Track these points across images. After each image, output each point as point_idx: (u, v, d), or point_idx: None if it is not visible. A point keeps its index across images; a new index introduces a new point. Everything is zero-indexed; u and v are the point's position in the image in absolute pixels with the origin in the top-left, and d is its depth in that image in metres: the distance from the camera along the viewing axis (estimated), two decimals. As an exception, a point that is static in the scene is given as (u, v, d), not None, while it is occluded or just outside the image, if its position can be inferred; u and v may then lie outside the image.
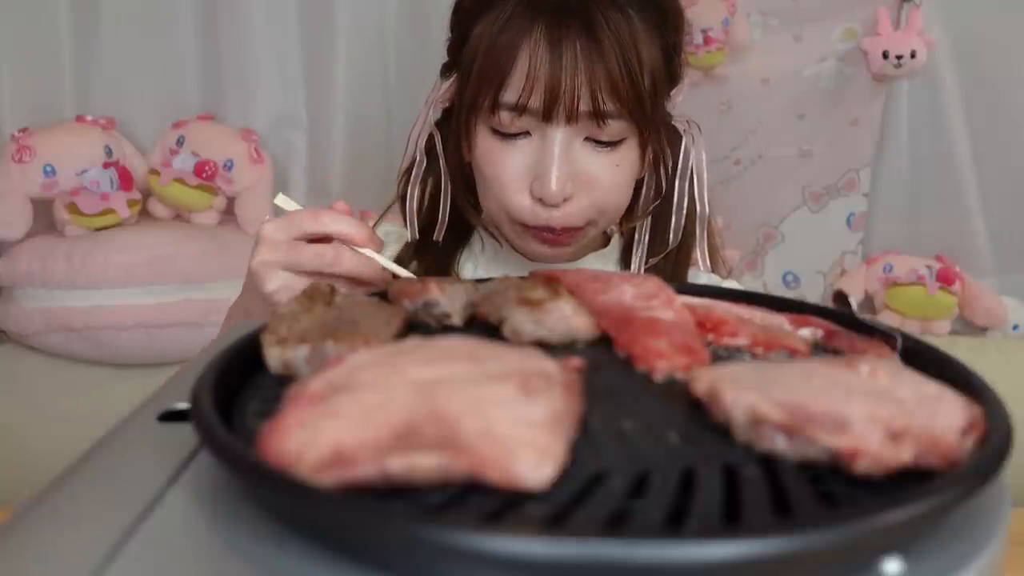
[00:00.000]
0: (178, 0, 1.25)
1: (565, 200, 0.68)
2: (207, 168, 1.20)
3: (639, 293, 0.43)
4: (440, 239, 0.79)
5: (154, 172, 1.20)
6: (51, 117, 1.21)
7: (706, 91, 1.38)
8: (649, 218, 0.80)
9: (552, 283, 0.42)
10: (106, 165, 1.16)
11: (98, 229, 1.14)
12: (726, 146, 1.40)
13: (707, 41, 1.32)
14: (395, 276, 0.62)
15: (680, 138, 0.77)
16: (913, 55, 1.29)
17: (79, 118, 1.20)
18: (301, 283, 0.59)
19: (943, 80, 1.33)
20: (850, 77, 1.36)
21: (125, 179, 1.17)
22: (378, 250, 0.61)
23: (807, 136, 1.40)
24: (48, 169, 1.13)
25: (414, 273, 0.67)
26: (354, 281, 0.61)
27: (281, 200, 0.65)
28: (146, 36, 1.25)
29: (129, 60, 1.24)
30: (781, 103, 1.39)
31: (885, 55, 1.30)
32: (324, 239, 0.60)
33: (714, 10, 1.31)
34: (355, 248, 0.60)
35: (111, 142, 1.18)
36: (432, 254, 0.79)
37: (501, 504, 0.24)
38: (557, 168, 0.67)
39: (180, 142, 1.21)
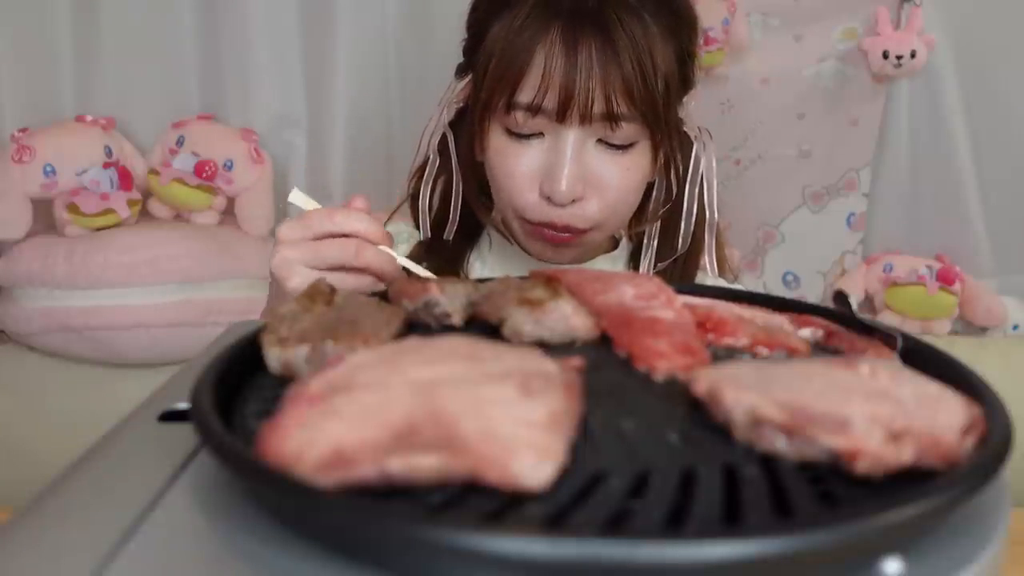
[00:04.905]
0: (178, 0, 1.25)
1: (574, 201, 0.69)
2: (207, 168, 1.19)
3: (639, 293, 0.43)
4: (451, 238, 0.79)
5: (154, 172, 1.20)
6: (51, 117, 1.20)
7: (706, 91, 1.38)
8: (658, 223, 0.80)
9: (552, 283, 0.42)
10: (106, 165, 1.16)
11: (98, 229, 1.14)
12: (726, 146, 1.40)
13: (707, 41, 1.31)
14: (408, 273, 0.62)
15: (691, 144, 0.78)
16: (913, 55, 1.29)
17: (79, 118, 1.20)
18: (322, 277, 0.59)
19: (943, 80, 1.33)
20: (850, 77, 1.36)
21: (125, 179, 1.17)
22: (391, 247, 0.62)
23: (807, 136, 1.40)
24: (48, 169, 1.13)
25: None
26: (374, 276, 0.61)
27: (295, 197, 0.64)
28: (146, 36, 1.25)
29: (129, 60, 1.24)
30: (781, 103, 1.39)
31: (885, 55, 1.29)
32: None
33: (714, 10, 1.31)
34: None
35: (111, 142, 1.18)
36: (442, 253, 0.79)
37: (501, 504, 0.24)
38: (568, 168, 0.67)
39: (180, 142, 1.21)
